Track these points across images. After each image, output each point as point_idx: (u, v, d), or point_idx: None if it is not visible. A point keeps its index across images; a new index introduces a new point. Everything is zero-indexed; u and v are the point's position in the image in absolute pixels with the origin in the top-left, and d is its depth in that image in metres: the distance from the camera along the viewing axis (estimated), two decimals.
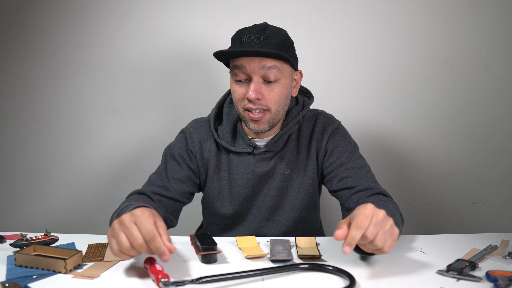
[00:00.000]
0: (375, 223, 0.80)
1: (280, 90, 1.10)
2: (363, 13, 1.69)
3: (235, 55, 1.08)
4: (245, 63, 1.07)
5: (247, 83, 1.10)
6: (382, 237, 0.81)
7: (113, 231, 0.81)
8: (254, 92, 1.07)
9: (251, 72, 1.07)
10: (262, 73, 1.07)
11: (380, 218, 0.81)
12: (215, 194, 1.22)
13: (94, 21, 1.72)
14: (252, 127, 1.12)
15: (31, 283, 0.81)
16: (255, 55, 1.06)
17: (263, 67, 1.07)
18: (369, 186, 1.13)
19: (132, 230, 0.79)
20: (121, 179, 1.80)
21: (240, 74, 1.09)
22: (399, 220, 0.99)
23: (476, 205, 1.80)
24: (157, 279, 0.79)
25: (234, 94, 1.12)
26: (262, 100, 1.09)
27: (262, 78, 1.09)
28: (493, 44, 1.69)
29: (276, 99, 1.10)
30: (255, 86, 1.08)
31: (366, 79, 1.72)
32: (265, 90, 1.09)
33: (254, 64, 1.07)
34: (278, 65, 1.08)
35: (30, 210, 1.84)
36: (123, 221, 0.80)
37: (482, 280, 0.82)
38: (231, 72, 1.12)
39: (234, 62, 1.10)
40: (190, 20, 1.71)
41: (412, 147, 1.76)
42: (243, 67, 1.08)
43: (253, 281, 0.83)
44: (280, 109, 1.13)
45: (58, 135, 1.79)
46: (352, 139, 1.23)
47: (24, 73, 1.76)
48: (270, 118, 1.12)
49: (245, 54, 1.06)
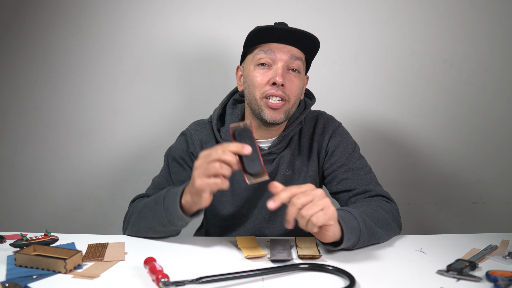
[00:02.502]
0: (305, 193, 0.86)
1: (300, 84, 1.13)
2: (363, 13, 1.69)
3: (268, 33, 1.08)
4: (274, 48, 1.09)
5: (271, 69, 1.10)
6: (310, 208, 0.85)
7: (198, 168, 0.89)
8: (282, 77, 1.08)
9: (279, 58, 1.09)
10: (289, 61, 1.09)
11: (314, 192, 0.87)
12: (216, 197, 1.21)
13: (94, 21, 1.72)
14: (268, 115, 1.10)
15: (31, 283, 0.81)
16: (293, 37, 1.07)
17: (291, 56, 1.09)
18: (368, 189, 1.13)
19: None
20: (121, 179, 1.80)
21: (266, 58, 1.09)
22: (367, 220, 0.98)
23: (476, 205, 1.80)
24: (157, 279, 0.79)
25: (255, 79, 1.11)
26: (285, 89, 1.09)
27: (286, 67, 1.10)
28: (493, 44, 1.69)
29: (296, 90, 1.12)
30: (282, 71, 1.09)
31: (366, 79, 1.72)
32: (288, 79, 1.10)
33: (283, 50, 1.09)
34: (303, 59, 1.12)
35: (30, 210, 1.84)
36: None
37: (482, 280, 0.82)
38: (256, 56, 1.11)
39: (262, 47, 1.10)
40: (190, 20, 1.71)
41: (412, 147, 1.76)
42: (271, 52, 1.09)
43: (253, 281, 0.83)
44: (296, 103, 1.14)
45: (58, 135, 1.79)
46: (352, 140, 1.23)
47: (24, 73, 1.76)
48: (287, 109, 1.12)
49: (287, 32, 1.07)
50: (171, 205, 0.97)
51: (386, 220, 1.03)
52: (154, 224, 1.02)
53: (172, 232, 1.05)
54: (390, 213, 1.07)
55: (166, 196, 1.00)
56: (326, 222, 0.87)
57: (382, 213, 1.04)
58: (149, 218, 1.03)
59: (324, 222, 0.86)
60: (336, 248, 0.95)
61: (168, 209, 0.98)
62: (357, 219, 0.96)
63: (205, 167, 0.88)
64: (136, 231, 1.08)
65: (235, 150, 0.88)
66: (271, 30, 1.07)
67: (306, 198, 0.86)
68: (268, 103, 1.09)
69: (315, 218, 0.85)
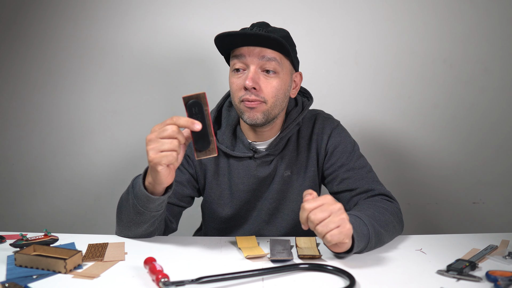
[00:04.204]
0: (322, 209, 0.85)
1: (278, 84, 1.08)
2: (363, 13, 1.69)
3: (235, 39, 1.06)
4: (245, 52, 1.06)
5: (245, 73, 1.08)
6: (326, 225, 0.84)
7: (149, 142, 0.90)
8: (251, 80, 1.05)
9: (250, 61, 1.06)
10: (261, 63, 1.06)
11: (332, 207, 0.85)
12: (214, 200, 1.21)
13: (94, 21, 1.72)
14: (246, 116, 1.09)
15: (31, 283, 0.81)
16: (256, 39, 1.04)
17: (262, 57, 1.06)
18: (370, 188, 1.12)
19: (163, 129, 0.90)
20: (121, 179, 1.79)
21: (238, 63, 1.08)
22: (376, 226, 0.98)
23: (476, 205, 1.80)
24: (157, 279, 0.79)
25: (232, 86, 1.11)
26: (259, 92, 1.07)
27: (260, 69, 1.07)
28: (493, 44, 1.69)
29: (273, 92, 1.08)
30: (252, 74, 1.06)
31: (366, 79, 1.72)
32: (263, 81, 1.07)
33: (254, 53, 1.06)
34: (278, 58, 1.07)
35: (30, 210, 1.84)
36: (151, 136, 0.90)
37: (482, 280, 0.82)
38: (231, 63, 1.11)
39: (234, 52, 1.09)
40: (190, 22, 1.71)
41: (412, 147, 1.76)
42: (243, 56, 1.07)
43: (253, 281, 0.83)
44: (277, 105, 1.10)
45: (58, 135, 1.79)
46: (351, 139, 1.22)
47: (24, 73, 1.76)
48: (265, 110, 1.08)
49: (246, 36, 1.04)
50: (137, 189, 0.98)
51: (392, 223, 1.03)
52: (132, 215, 1.02)
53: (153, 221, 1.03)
54: (394, 214, 1.06)
55: (133, 184, 1.01)
56: (341, 240, 0.86)
57: (388, 216, 1.03)
58: (127, 210, 1.03)
59: (339, 241, 0.86)
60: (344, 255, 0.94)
61: (137, 194, 0.99)
62: (367, 225, 0.95)
63: (157, 142, 0.89)
64: (122, 228, 1.06)
65: (185, 125, 0.89)
66: (232, 35, 1.05)
67: (323, 214, 0.85)
68: (245, 104, 1.08)
69: (330, 237, 0.85)
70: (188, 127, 0.90)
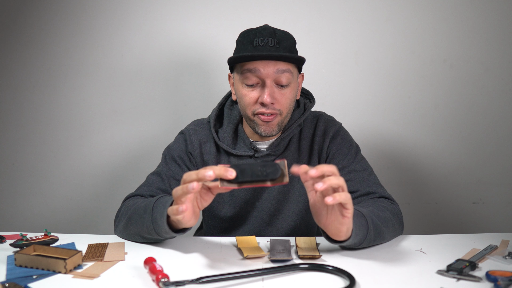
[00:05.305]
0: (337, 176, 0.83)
1: (291, 94, 1.11)
2: (363, 13, 1.69)
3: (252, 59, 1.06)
4: (260, 66, 1.06)
5: (258, 87, 1.09)
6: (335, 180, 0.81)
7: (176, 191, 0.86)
8: (270, 97, 1.07)
9: (266, 76, 1.07)
10: (276, 76, 1.07)
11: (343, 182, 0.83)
12: (215, 198, 1.21)
13: (94, 22, 1.72)
14: (262, 130, 1.11)
15: (31, 283, 0.81)
16: (275, 59, 1.05)
17: (277, 71, 1.06)
18: (371, 190, 1.12)
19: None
20: (121, 179, 1.80)
21: (253, 77, 1.08)
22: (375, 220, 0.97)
23: (476, 205, 1.80)
24: (157, 279, 0.79)
25: (244, 98, 1.10)
26: (276, 104, 1.09)
27: (274, 82, 1.08)
28: (493, 44, 1.69)
29: (287, 103, 1.11)
30: (270, 90, 1.07)
31: (366, 79, 1.72)
32: (278, 94, 1.09)
33: (269, 67, 1.06)
34: (291, 68, 1.09)
35: (30, 210, 1.84)
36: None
37: (482, 280, 0.82)
38: (241, 76, 1.10)
39: (246, 66, 1.08)
40: (189, 21, 1.71)
41: (412, 147, 1.76)
42: (257, 70, 1.06)
43: (253, 281, 0.83)
44: (289, 113, 1.14)
45: (58, 135, 1.79)
46: (353, 141, 1.22)
47: (24, 73, 1.76)
48: (279, 121, 1.11)
49: (265, 58, 1.05)
50: (159, 218, 0.93)
51: (391, 221, 1.03)
52: (143, 232, 0.99)
53: (161, 240, 1.02)
54: (394, 214, 1.06)
55: (155, 207, 0.96)
56: (347, 201, 0.84)
57: (388, 214, 1.03)
58: (138, 225, 1.00)
59: (346, 201, 0.83)
60: (342, 244, 0.93)
61: (156, 221, 0.94)
62: (365, 217, 0.95)
63: (179, 193, 0.85)
64: (126, 235, 1.05)
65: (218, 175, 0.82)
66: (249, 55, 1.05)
67: (336, 180, 0.82)
68: (260, 117, 1.10)
69: (339, 196, 0.82)
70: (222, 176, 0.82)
